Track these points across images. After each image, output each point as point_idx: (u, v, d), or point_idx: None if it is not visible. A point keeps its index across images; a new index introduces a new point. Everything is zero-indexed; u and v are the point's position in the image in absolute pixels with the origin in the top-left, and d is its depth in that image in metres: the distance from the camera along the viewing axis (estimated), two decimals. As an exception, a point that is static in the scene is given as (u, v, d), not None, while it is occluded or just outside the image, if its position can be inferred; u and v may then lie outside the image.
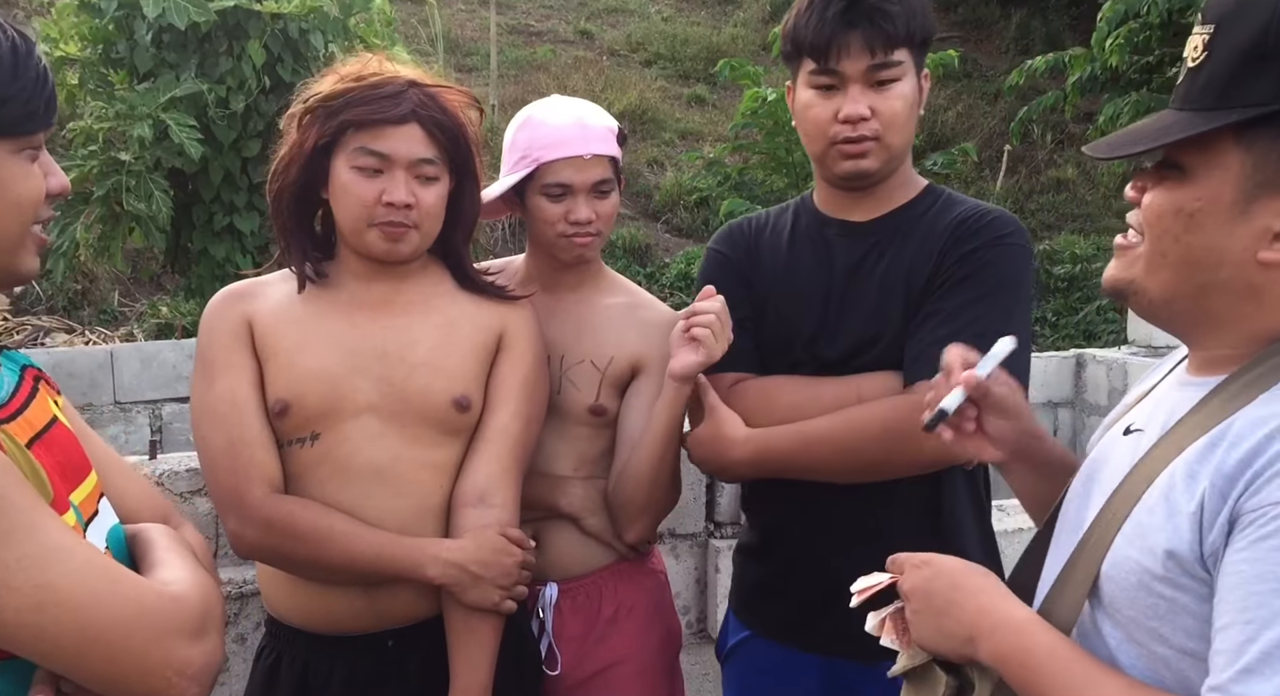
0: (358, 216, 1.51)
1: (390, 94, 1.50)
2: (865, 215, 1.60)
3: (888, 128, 1.51)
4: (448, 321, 1.58)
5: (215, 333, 1.55)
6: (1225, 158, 0.89)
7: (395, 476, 1.52)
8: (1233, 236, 0.89)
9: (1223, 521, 0.83)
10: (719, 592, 2.50)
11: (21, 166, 1.01)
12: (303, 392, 1.51)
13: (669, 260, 9.88)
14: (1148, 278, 0.95)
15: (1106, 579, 0.93)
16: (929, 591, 1.03)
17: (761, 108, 7.77)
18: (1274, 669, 0.77)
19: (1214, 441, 0.86)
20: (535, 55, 13.36)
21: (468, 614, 1.52)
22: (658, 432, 1.66)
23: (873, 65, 1.49)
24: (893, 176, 1.58)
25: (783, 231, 1.68)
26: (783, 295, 1.63)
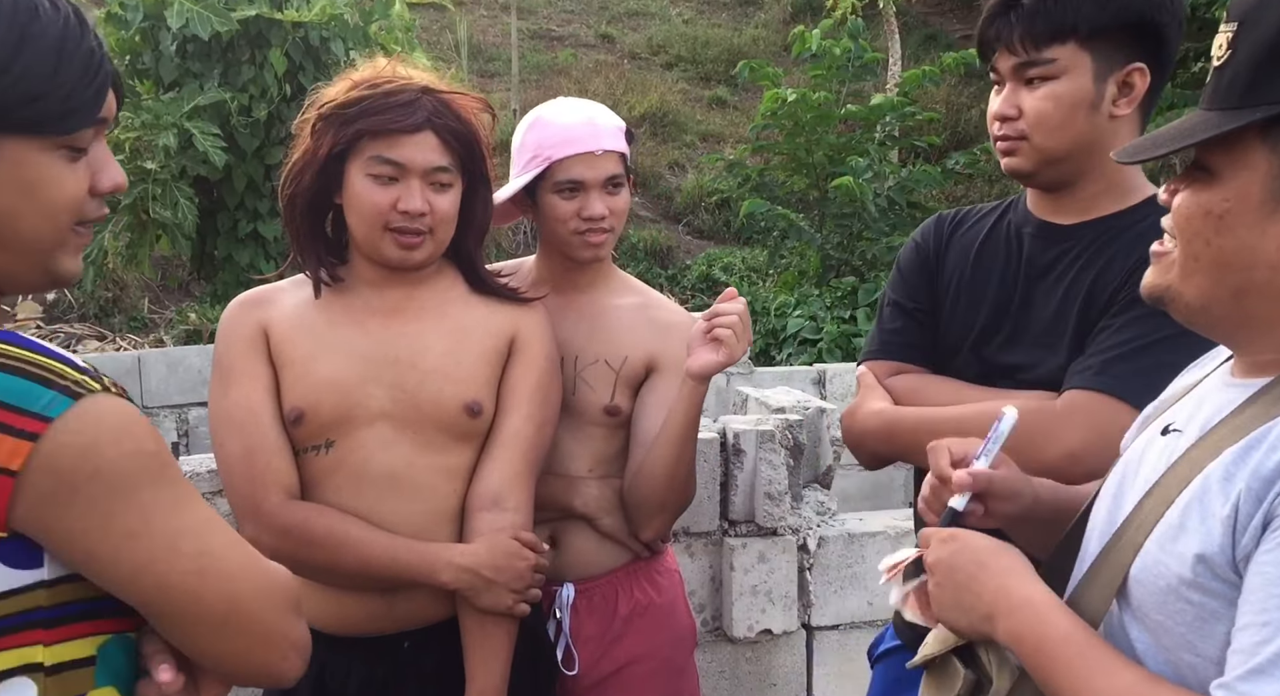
0: (372, 224, 1.52)
1: (404, 102, 1.50)
2: (1070, 218, 1.50)
3: (1034, 128, 1.44)
4: (459, 327, 1.59)
5: (231, 340, 1.57)
6: (1252, 157, 0.87)
7: (409, 482, 1.53)
8: (1264, 237, 0.87)
9: (1256, 524, 0.81)
10: (734, 590, 2.50)
11: (56, 167, 0.93)
12: (317, 401, 1.52)
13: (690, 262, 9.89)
14: (1183, 283, 0.93)
15: (1135, 582, 0.92)
16: (953, 565, 1.01)
17: (781, 108, 7.76)
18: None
19: (1252, 444, 0.85)
20: (556, 60, 13.41)
21: (482, 617, 1.53)
22: (674, 431, 1.66)
23: (1020, 63, 1.43)
24: (1088, 181, 1.48)
25: (984, 227, 1.61)
26: (963, 292, 1.57)
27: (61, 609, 0.88)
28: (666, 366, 1.74)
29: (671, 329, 1.77)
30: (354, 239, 1.58)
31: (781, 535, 2.53)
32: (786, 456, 2.50)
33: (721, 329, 1.59)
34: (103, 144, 0.99)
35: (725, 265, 9.45)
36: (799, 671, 2.60)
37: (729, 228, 10.36)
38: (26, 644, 0.86)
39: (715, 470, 2.49)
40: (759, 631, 2.52)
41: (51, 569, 0.86)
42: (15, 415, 0.82)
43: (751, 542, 2.51)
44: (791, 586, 2.54)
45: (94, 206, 0.99)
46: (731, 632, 2.51)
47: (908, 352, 1.60)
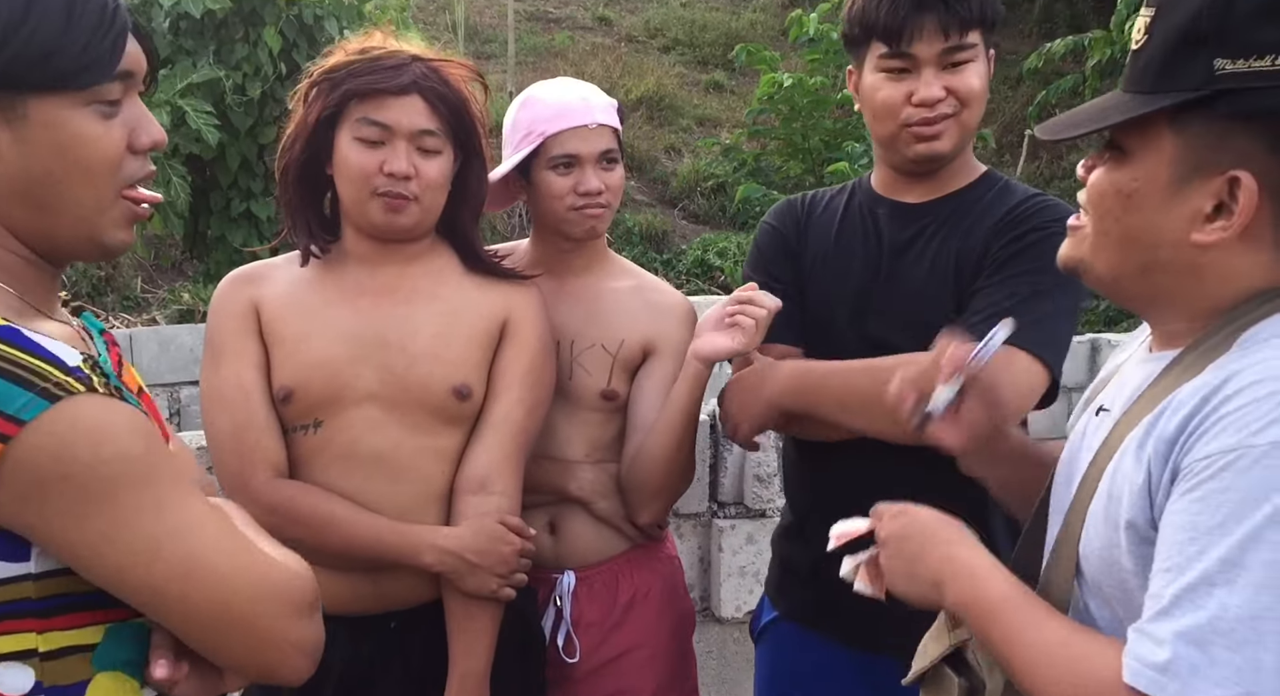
0: (359, 187, 1.51)
1: (392, 65, 1.49)
2: (919, 197, 1.60)
3: (965, 104, 1.51)
4: (451, 309, 1.58)
5: (223, 317, 1.56)
6: (1160, 141, 0.91)
7: (396, 463, 1.53)
8: (1168, 217, 0.92)
9: (1165, 483, 0.87)
10: (722, 572, 2.52)
11: (89, 124, 0.92)
12: (306, 380, 1.52)
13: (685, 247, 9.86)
14: (1094, 256, 0.98)
15: (1084, 559, 0.96)
16: (903, 537, 1.07)
17: (778, 93, 7.73)
18: (1184, 610, 0.81)
19: (1161, 412, 0.89)
20: (553, 42, 13.34)
21: (466, 601, 1.53)
22: (675, 414, 1.65)
23: (947, 48, 1.49)
24: (953, 160, 1.58)
25: (836, 209, 1.67)
26: (827, 272, 1.63)
27: (51, 601, 0.88)
28: (663, 350, 1.73)
29: (668, 312, 1.76)
30: (344, 208, 1.57)
31: (770, 517, 2.54)
32: (775, 438, 2.50)
33: (745, 318, 1.57)
34: (137, 101, 0.98)
35: (721, 250, 9.42)
36: (786, 652, 2.61)
37: (725, 213, 10.33)
38: (20, 631, 0.86)
39: (705, 452, 2.50)
40: (747, 612, 2.53)
41: (39, 563, 0.86)
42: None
43: (740, 524, 2.52)
44: (779, 567, 2.55)
45: (137, 165, 0.97)
46: (719, 613, 2.53)
47: (784, 333, 1.62)
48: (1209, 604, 0.80)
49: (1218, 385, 0.86)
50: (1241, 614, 0.78)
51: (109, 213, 0.97)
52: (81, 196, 0.94)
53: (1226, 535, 0.80)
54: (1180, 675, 0.80)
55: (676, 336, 1.74)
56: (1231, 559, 0.80)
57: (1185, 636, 0.80)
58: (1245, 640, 0.78)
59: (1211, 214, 0.90)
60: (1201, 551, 0.81)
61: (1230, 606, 0.79)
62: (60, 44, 0.89)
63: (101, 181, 0.94)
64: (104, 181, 0.95)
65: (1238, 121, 0.88)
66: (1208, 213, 0.90)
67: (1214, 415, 0.84)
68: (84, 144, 0.92)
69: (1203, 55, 0.88)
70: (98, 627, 0.92)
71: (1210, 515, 0.81)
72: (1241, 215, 0.89)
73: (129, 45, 0.96)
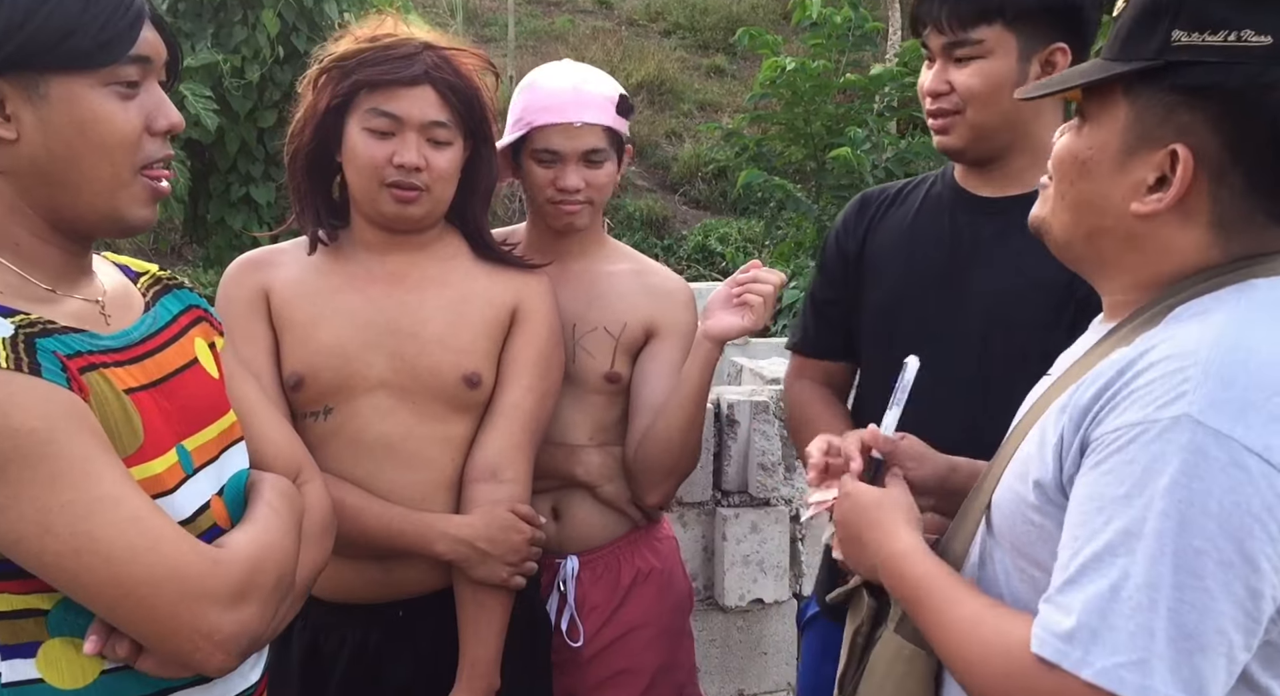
0: (369, 177, 1.50)
1: (404, 55, 1.48)
2: (995, 191, 1.54)
3: (966, 102, 1.47)
4: (461, 297, 1.57)
5: (234, 300, 1.55)
6: (1116, 109, 0.92)
7: (406, 451, 1.53)
8: (1114, 186, 0.93)
9: (1075, 450, 0.89)
10: (726, 560, 2.51)
11: (107, 104, 0.97)
12: (317, 367, 1.51)
13: (686, 232, 9.85)
14: (1052, 217, 1.00)
15: (995, 509, 1.00)
16: (846, 521, 1.11)
17: (780, 77, 7.67)
18: (1089, 579, 0.83)
19: (1084, 381, 0.91)
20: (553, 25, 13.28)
21: (476, 589, 1.53)
22: (687, 395, 1.65)
23: (948, 42, 1.47)
24: (1016, 154, 1.51)
25: (914, 201, 1.64)
26: (898, 266, 1.60)
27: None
28: (666, 331, 1.74)
29: (668, 295, 1.77)
30: (353, 197, 1.56)
31: (774, 505, 2.53)
32: (780, 427, 2.50)
33: (753, 296, 1.59)
34: (156, 87, 1.02)
35: (721, 236, 9.41)
36: (789, 640, 2.62)
37: (725, 198, 10.30)
38: None
39: (709, 440, 2.49)
40: (750, 600, 2.53)
41: None
42: None
43: (744, 513, 2.51)
44: (783, 556, 2.55)
45: (155, 146, 1.01)
46: (723, 602, 2.52)
47: (828, 349, 1.71)
48: (1111, 572, 0.82)
49: (1133, 358, 0.87)
50: (1139, 582, 0.80)
51: (129, 189, 1.00)
52: (101, 172, 0.97)
53: (1128, 506, 0.82)
54: (1082, 642, 0.82)
55: (678, 318, 1.75)
56: (1132, 529, 0.82)
57: (1088, 605, 0.82)
58: (1140, 607, 0.80)
59: (1154, 185, 0.91)
60: (1107, 521, 0.83)
61: (1130, 575, 0.81)
62: (79, 23, 0.93)
63: (120, 158, 0.98)
64: (122, 159, 0.98)
65: (1185, 95, 0.89)
66: (1150, 184, 0.91)
67: (1125, 389, 0.86)
68: (102, 121, 0.96)
69: (1163, 26, 0.89)
70: (51, 594, 0.93)
71: (1115, 487, 0.83)
72: (1175, 188, 0.89)
73: (148, 32, 1.00)
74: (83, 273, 1.06)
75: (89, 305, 1.04)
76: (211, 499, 1.08)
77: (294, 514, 1.14)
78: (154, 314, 1.12)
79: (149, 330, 1.09)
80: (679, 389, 1.66)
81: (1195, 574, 0.79)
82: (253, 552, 1.02)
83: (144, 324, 1.09)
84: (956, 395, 1.46)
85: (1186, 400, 0.82)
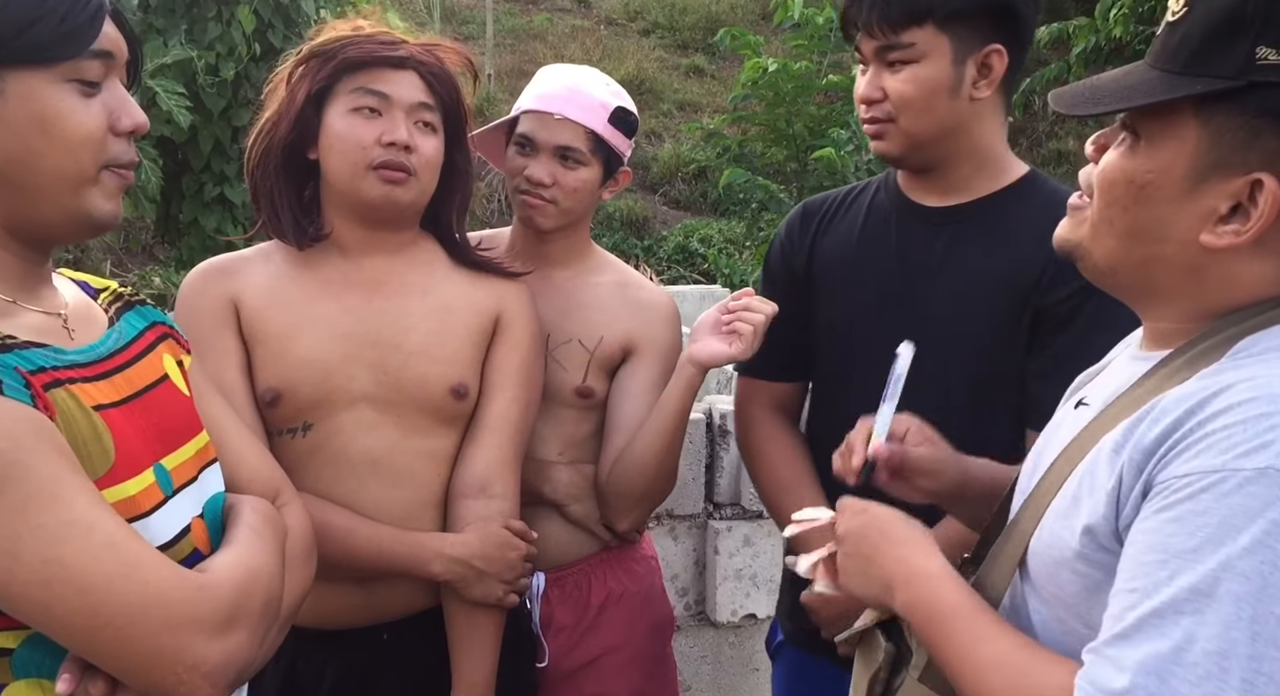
0: (355, 161, 1.43)
1: (387, 41, 1.46)
2: (940, 200, 1.49)
3: (899, 110, 1.41)
4: (443, 305, 1.51)
5: (198, 312, 1.47)
6: (1183, 130, 0.84)
7: (391, 467, 1.47)
8: (1179, 213, 0.85)
9: (1136, 495, 0.82)
10: (718, 574, 2.46)
11: (68, 100, 0.92)
12: (295, 382, 1.44)
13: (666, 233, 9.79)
14: (1093, 242, 0.92)
15: (1034, 555, 0.92)
16: (861, 536, 1.03)
17: (762, 78, 7.64)
18: (1145, 636, 0.76)
19: (1141, 417, 0.84)
20: (531, 24, 13.20)
21: (470, 609, 1.48)
22: (666, 418, 1.60)
23: (880, 47, 1.41)
24: (959, 161, 1.46)
25: (859, 209, 1.59)
26: (847, 278, 1.56)
27: None
28: (645, 349, 1.68)
29: (650, 310, 1.71)
30: (331, 192, 1.49)
31: (766, 518, 2.48)
32: (772, 438, 2.44)
33: (744, 324, 1.53)
34: (119, 85, 0.98)
35: (703, 237, 9.36)
36: (782, 655, 2.56)
37: (706, 199, 10.26)
38: None
39: (700, 451, 2.43)
40: (743, 616, 2.48)
41: None
42: None
43: (736, 526, 2.46)
44: (776, 570, 2.49)
45: (120, 148, 0.96)
46: (715, 617, 2.47)
47: (779, 371, 1.66)
48: (1174, 633, 0.75)
49: (1205, 398, 0.80)
50: (1208, 648, 0.73)
51: (94, 185, 0.95)
52: (65, 172, 0.92)
53: (1200, 561, 0.75)
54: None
55: (660, 336, 1.70)
56: (1203, 588, 0.74)
57: (1146, 665, 0.75)
58: (1209, 675, 0.73)
59: (1226, 215, 0.84)
60: (1172, 576, 0.76)
61: (1197, 638, 0.74)
62: (38, 14, 0.89)
63: (84, 156, 0.93)
64: (85, 158, 0.93)
65: (1271, 119, 0.81)
66: (1222, 214, 0.84)
67: (1198, 431, 0.79)
68: (64, 118, 0.91)
69: (1244, 41, 0.81)
70: (17, 633, 0.88)
71: (1184, 538, 0.76)
72: (1260, 221, 0.82)
73: (109, 27, 0.95)
74: (42, 283, 1.00)
75: (50, 318, 0.98)
76: (193, 521, 1.03)
77: (277, 537, 1.09)
78: (119, 329, 1.06)
79: (115, 345, 1.03)
80: (658, 412, 1.61)
81: (1277, 644, 0.72)
82: (238, 577, 0.97)
83: (110, 338, 1.03)
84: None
85: (1274, 450, 0.75)
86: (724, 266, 8.05)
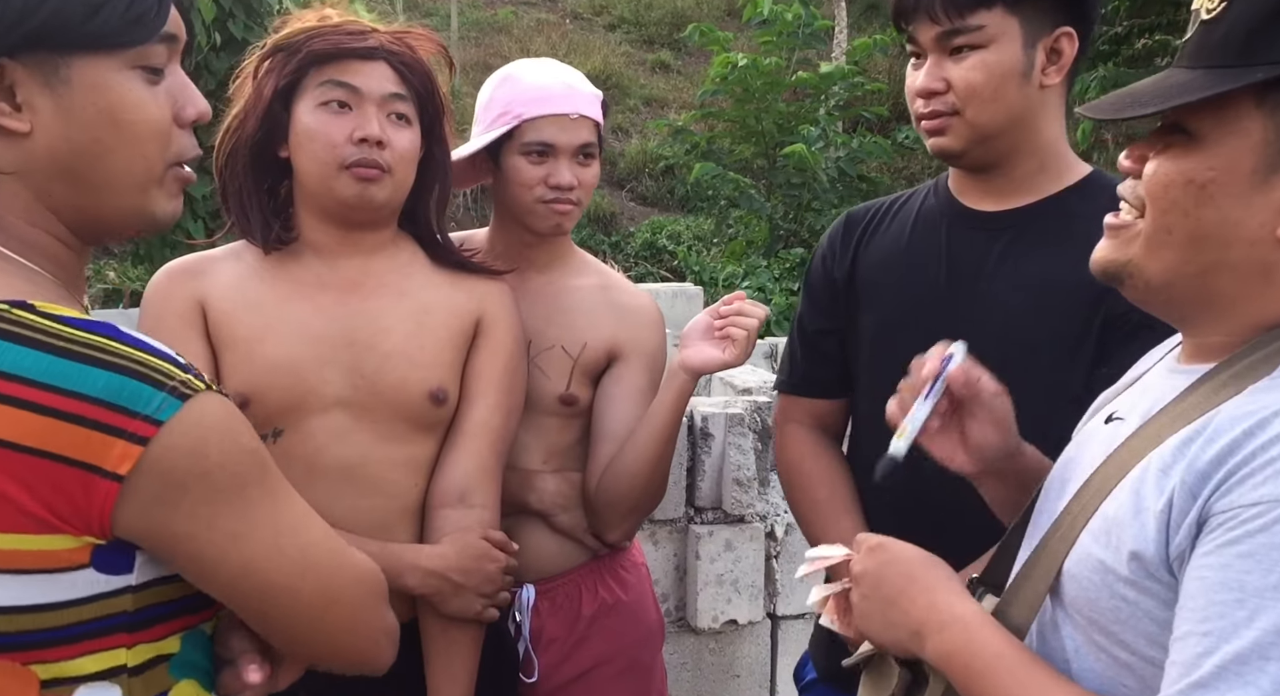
0: (326, 160, 1.36)
1: (355, 31, 1.38)
2: (996, 204, 1.39)
3: (965, 101, 1.31)
4: (421, 306, 1.45)
5: (164, 316, 1.39)
6: (1244, 122, 0.79)
7: (366, 475, 1.40)
8: (1249, 211, 0.80)
9: (1191, 522, 0.76)
10: (699, 580, 2.41)
11: (136, 89, 0.86)
12: (265, 386, 1.37)
13: (634, 229, 9.75)
14: (1148, 257, 0.85)
15: (1069, 577, 0.86)
16: (881, 577, 0.95)
17: (732, 73, 7.62)
18: (1228, 685, 0.70)
19: (1191, 436, 0.79)
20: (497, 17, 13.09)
21: (447, 623, 1.42)
22: (657, 427, 1.54)
23: (944, 32, 1.31)
24: (1023, 158, 1.37)
25: (907, 218, 1.50)
26: (894, 290, 1.46)
27: (144, 612, 0.86)
28: (631, 355, 1.62)
29: (636, 314, 1.65)
30: (305, 189, 1.42)
31: (749, 522, 2.43)
32: (755, 440, 2.40)
33: (737, 330, 1.48)
34: (180, 71, 0.92)
35: (671, 233, 9.33)
36: (763, 661, 2.52)
37: (673, 195, 10.24)
38: (111, 647, 0.84)
39: (682, 455, 2.38)
40: (724, 622, 2.43)
41: (141, 573, 0.84)
42: (126, 418, 0.78)
43: (718, 530, 2.41)
44: (758, 575, 2.45)
45: (185, 141, 0.92)
46: (696, 623, 2.42)
47: (819, 387, 1.57)
48: (1261, 681, 0.69)
49: (1265, 418, 0.75)
50: None
51: (160, 183, 0.90)
52: (133, 167, 0.87)
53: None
54: None
55: (645, 341, 1.64)
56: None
57: None
58: None
59: None
60: (1251, 617, 0.70)
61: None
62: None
63: (153, 152, 0.88)
64: (154, 153, 0.88)
65: None
66: None
67: (1262, 455, 0.73)
68: (133, 109, 0.86)
69: None
70: (176, 636, 0.91)
71: (1262, 574, 0.70)
72: None
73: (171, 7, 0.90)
74: (84, 278, 0.97)
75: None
76: None
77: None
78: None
79: None
80: (649, 421, 1.55)
81: None
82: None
83: None
84: None
85: None
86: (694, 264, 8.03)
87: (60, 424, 0.77)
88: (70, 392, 0.77)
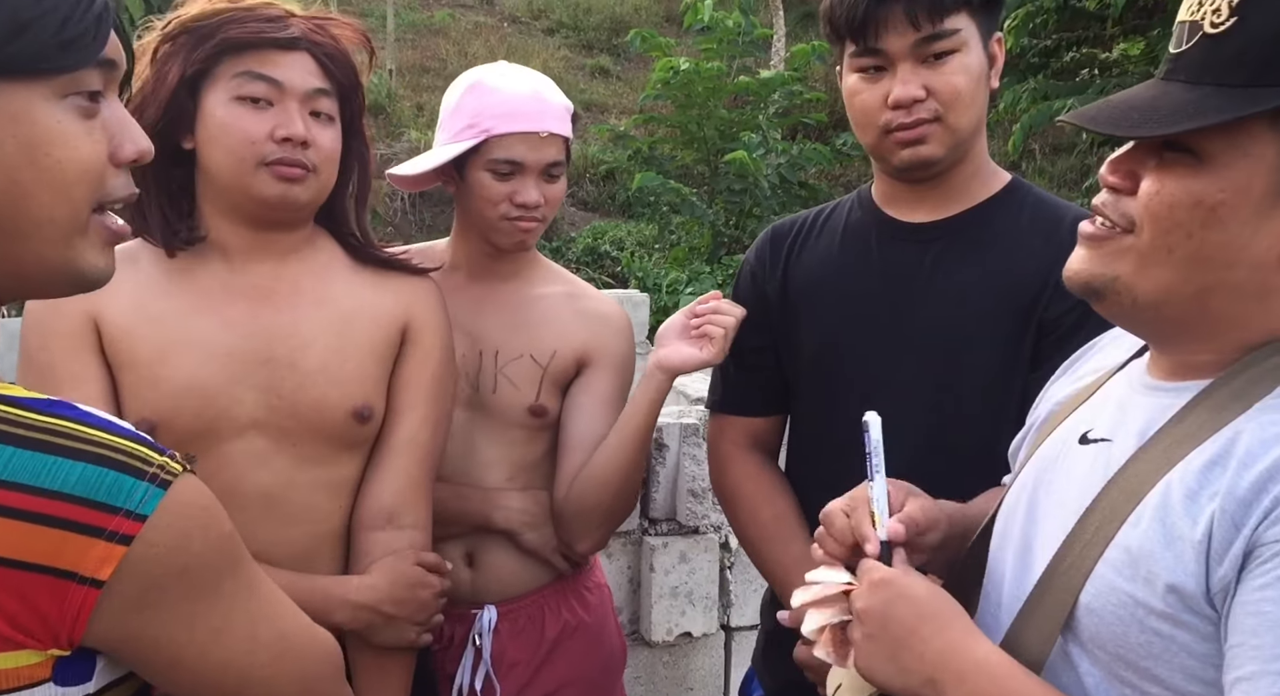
0: (243, 157, 1.24)
1: (273, 17, 1.26)
2: (928, 214, 1.38)
3: (949, 107, 1.30)
4: (342, 315, 1.34)
5: (51, 335, 1.26)
6: (1259, 145, 0.77)
7: (287, 502, 1.30)
8: (1257, 234, 0.78)
9: (1236, 553, 0.73)
10: (653, 592, 2.38)
11: (66, 121, 0.73)
12: (171, 410, 1.25)
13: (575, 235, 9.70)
14: (1140, 274, 0.82)
15: (1087, 611, 0.82)
16: (888, 617, 0.88)
17: (674, 78, 7.62)
18: None
19: (1217, 459, 0.76)
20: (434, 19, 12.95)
21: (378, 653, 1.34)
22: (632, 431, 1.50)
23: (920, 39, 1.28)
24: (961, 166, 1.36)
25: (834, 233, 1.48)
26: (828, 304, 1.44)
27: None
28: (600, 362, 1.58)
29: (604, 321, 1.61)
30: (211, 187, 1.29)
31: (704, 533, 2.41)
32: (709, 450, 2.37)
33: (714, 328, 1.44)
34: (118, 102, 0.79)
35: (614, 239, 9.30)
36: (716, 673, 2.50)
37: (615, 200, 10.21)
38: None
39: (638, 466, 2.35)
40: (678, 634, 2.40)
41: (100, 679, 0.75)
42: (106, 515, 0.69)
43: (673, 542, 2.38)
44: (712, 587, 2.42)
45: (119, 182, 0.78)
46: (650, 636, 2.38)
47: (754, 405, 1.54)
48: None
49: None
50: None
51: (85, 233, 0.76)
52: (55, 214, 0.73)
53: None
54: None
55: (615, 348, 1.60)
56: None
57: None
58: None
59: None
60: None
61: None
62: (36, 13, 0.70)
63: (79, 195, 0.74)
64: (82, 196, 0.75)
65: None
66: None
67: None
68: (60, 145, 0.73)
69: None
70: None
71: None
72: None
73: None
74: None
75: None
76: None
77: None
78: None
79: None
80: (624, 423, 1.50)
81: None
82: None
83: None
84: (909, 449, 1.23)
85: None
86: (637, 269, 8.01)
87: (27, 527, 0.67)
88: (38, 490, 0.68)
